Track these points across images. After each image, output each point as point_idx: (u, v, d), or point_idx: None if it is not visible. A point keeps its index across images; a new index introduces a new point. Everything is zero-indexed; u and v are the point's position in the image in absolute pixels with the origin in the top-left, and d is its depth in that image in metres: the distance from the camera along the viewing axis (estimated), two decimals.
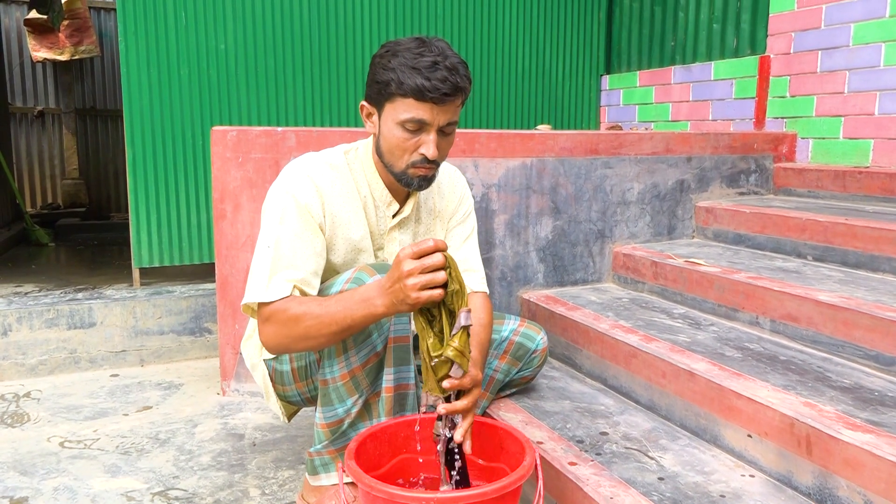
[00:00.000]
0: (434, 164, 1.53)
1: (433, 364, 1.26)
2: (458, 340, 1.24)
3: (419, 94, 1.43)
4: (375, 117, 1.55)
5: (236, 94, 3.26)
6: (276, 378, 1.69)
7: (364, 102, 1.58)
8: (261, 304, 1.48)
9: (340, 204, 1.61)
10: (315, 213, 1.55)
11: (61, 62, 5.91)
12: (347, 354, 1.50)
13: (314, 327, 1.40)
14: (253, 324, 1.71)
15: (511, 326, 1.95)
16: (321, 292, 1.55)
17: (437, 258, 1.22)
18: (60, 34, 5.77)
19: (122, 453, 2.08)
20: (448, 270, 1.22)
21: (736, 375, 1.70)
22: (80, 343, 2.83)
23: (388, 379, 1.54)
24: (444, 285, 1.22)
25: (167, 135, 3.12)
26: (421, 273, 1.22)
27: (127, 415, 2.38)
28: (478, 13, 3.91)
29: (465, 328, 1.23)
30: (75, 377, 2.77)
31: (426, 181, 1.56)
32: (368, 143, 1.67)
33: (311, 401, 1.73)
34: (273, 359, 1.67)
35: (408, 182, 1.56)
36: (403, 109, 1.46)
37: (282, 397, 1.73)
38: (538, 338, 1.96)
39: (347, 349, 1.49)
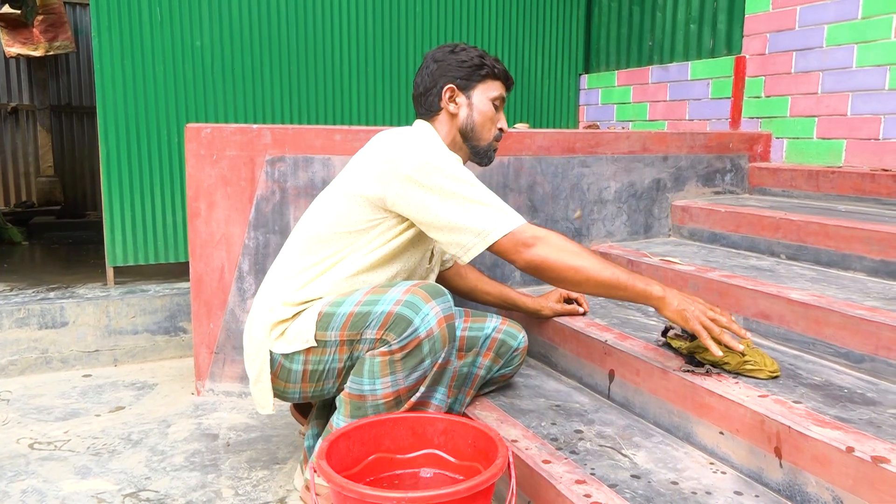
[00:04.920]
0: None
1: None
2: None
3: (505, 77, 1.82)
4: (462, 98, 1.78)
5: (212, 92, 3.23)
6: (280, 373, 1.67)
7: (451, 85, 1.76)
8: (511, 233, 1.58)
9: None
10: None
11: (35, 58, 5.83)
12: (395, 376, 1.56)
13: (594, 267, 1.59)
14: (264, 304, 1.70)
15: (494, 324, 2.00)
16: (365, 305, 1.59)
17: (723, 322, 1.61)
18: (34, 29, 5.68)
19: (93, 454, 2.05)
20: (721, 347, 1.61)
21: (708, 373, 1.71)
22: (51, 343, 2.79)
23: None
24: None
25: (142, 132, 3.09)
26: (710, 318, 1.59)
27: (99, 415, 2.35)
28: (456, 12, 3.91)
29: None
30: (47, 377, 2.73)
31: (508, 159, 1.97)
32: (421, 127, 1.80)
33: (307, 400, 1.75)
34: (283, 355, 1.65)
35: (489, 156, 1.85)
36: (494, 88, 1.80)
37: (277, 391, 1.72)
38: (520, 336, 2.02)
39: (395, 371, 1.56)
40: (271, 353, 1.67)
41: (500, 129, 1.84)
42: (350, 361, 1.63)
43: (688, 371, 1.70)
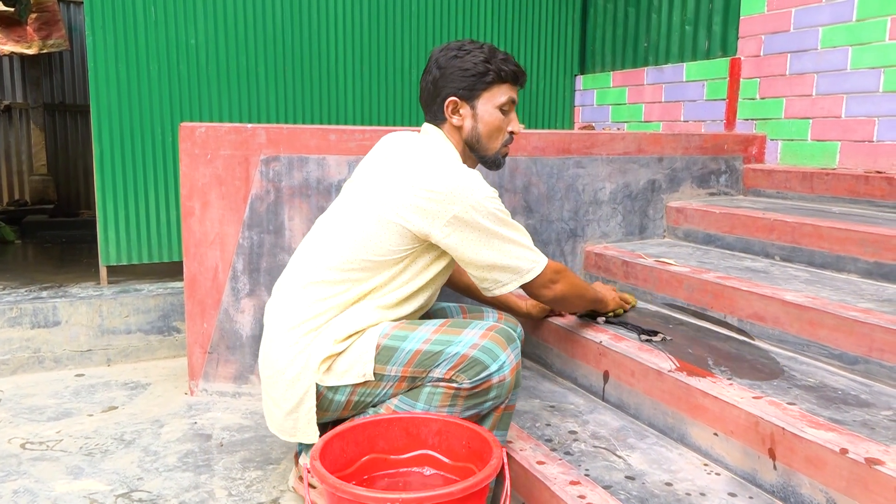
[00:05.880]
0: None
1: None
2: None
3: (514, 79, 1.73)
4: (466, 109, 1.72)
5: (206, 91, 3.22)
6: (321, 403, 1.62)
7: (453, 98, 1.70)
8: (542, 273, 1.68)
9: None
10: None
11: (29, 56, 5.80)
12: (453, 409, 1.58)
13: (582, 292, 1.89)
14: (296, 330, 1.61)
15: (491, 321, 1.99)
16: (436, 344, 1.57)
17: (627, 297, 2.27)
18: (28, 27, 5.65)
19: (85, 454, 2.04)
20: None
21: (703, 374, 1.71)
22: (44, 342, 2.77)
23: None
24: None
25: (136, 131, 3.07)
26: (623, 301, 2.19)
27: (92, 415, 2.34)
28: (452, 12, 3.90)
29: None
30: (39, 377, 2.71)
31: (506, 158, 1.87)
32: (438, 140, 1.74)
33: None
34: (328, 387, 1.60)
35: (498, 162, 1.81)
36: (501, 93, 1.72)
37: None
38: (518, 329, 2.03)
39: (455, 405, 1.58)
40: (317, 386, 1.60)
41: (511, 133, 1.79)
42: (403, 392, 1.61)
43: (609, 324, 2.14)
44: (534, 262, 1.66)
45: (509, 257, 1.63)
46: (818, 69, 3.00)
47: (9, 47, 5.65)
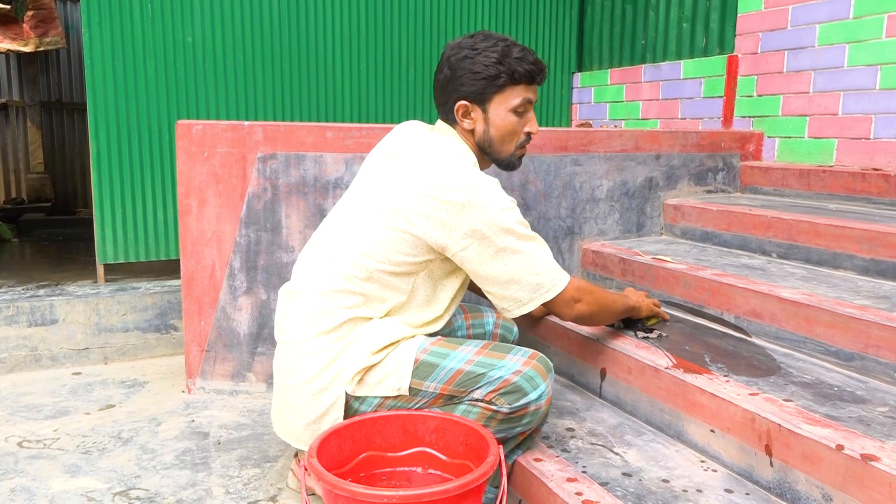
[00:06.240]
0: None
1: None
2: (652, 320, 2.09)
3: (530, 78, 1.63)
4: (477, 112, 1.64)
5: (203, 88, 3.21)
6: (346, 413, 1.59)
7: (463, 102, 1.63)
8: (563, 291, 1.62)
9: None
10: None
11: (26, 54, 5.77)
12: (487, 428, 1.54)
13: (609, 307, 1.81)
14: (337, 342, 1.57)
15: (491, 319, 2.05)
16: (479, 366, 1.55)
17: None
18: (25, 25, 5.63)
19: (82, 453, 2.04)
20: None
21: (700, 371, 1.72)
22: (41, 340, 2.77)
23: None
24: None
25: (133, 129, 3.07)
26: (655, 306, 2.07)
27: (89, 413, 2.34)
28: (449, 10, 3.90)
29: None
30: (36, 375, 2.71)
31: (522, 159, 1.77)
32: (453, 142, 1.65)
33: None
34: (355, 397, 1.57)
35: (513, 164, 1.74)
36: (515, 95, 1.63)
37: None
38: (514, 329, 2.07)
39: (489, 425, 1.56)
40: (347, 395, 1.57)
41: (528, 134, 1.70)
42: (436, 407, 1.59)
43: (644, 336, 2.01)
44: (554, 280, 1.59)
45: (528, 274, 1.56)
46: (815, 66, 3.00)
47: (5, 45, 5.63)
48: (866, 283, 2.06)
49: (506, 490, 1.41)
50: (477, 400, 1.54)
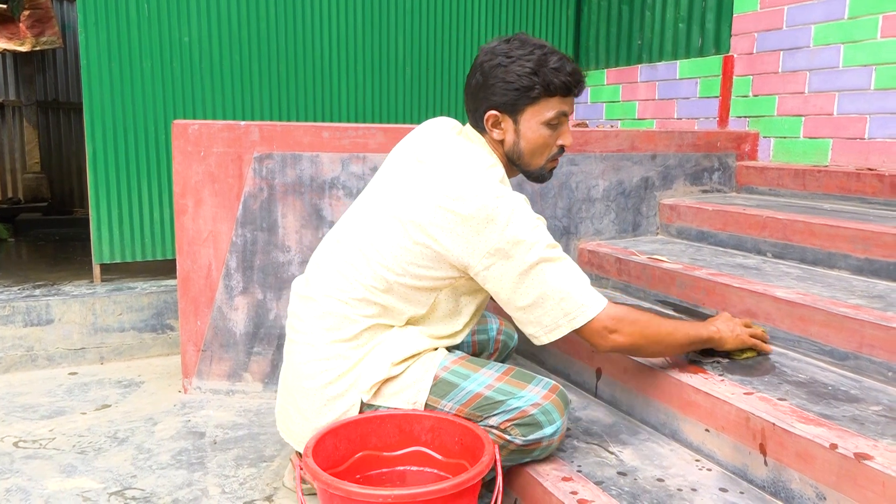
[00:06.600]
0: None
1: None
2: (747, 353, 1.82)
3: (566, 91, 1.55)
4: (508, 123, 1.57)
5: (200, 88, 3.21)
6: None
7: (494, 112, 1.56)
8: (596, 317, 1.50)
9: None
10: None
11: (22, 53, 5.77)
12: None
13: (663, 339, 1.61)
14: (356, 349, 1.55)
15: (495, 325, 2.03)
16: (499, 392, 1.53)
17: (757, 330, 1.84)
18: (21, 24, 5.63)
19: (78, 453, 2.04)
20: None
21: (695, 371, 1.72)
22: (37, 340, 2.77)
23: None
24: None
25: (129, 128, 3.07)
26: (750, 333, 1.79)
27: (85, 413, 2.33)
28: (446, 9, 3.90)
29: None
30: (32, 375, 2.71)
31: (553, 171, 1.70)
32: (480, 151, 1.58)
33: None
34: (368, 404, 1.55)
35: (543, 177, 1.67)
36: (549, 108, 1.55)
37: None
38: (515, 336, 2.07)
39: (500, 454, 1.51)
40: (363, 402, 1.55)
41: (561, 147, 1.62)
42: None
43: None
44: (583, 307, 1.48)
45: (554, 298, 1.47)
46: (811, 67, 3.01)
47: (1, 44, 5.62)
48: (861, 283, 2.07)
49: (501, 489, 1.41)
50: (492, 426, 1.52)
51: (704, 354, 1.79)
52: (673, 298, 2.29)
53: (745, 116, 3.33)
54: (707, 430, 1.62)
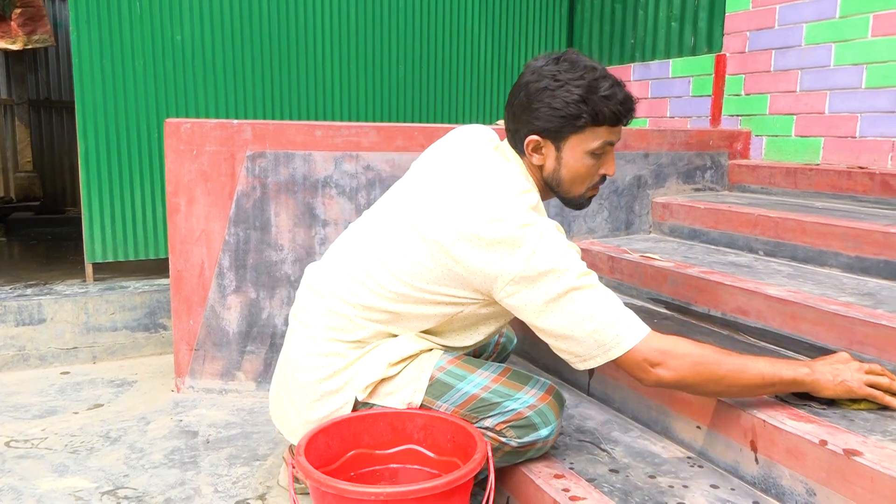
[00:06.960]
0: None
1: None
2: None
3: (615, 121, 1.47)
4: (549, 149, 1.51)
5: (192, 87, 3.20)
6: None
7: (535, 137, 1.49)
8: (636, 348, 1.39)
9: None
10: None
11: (13, 52, 5.73)
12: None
13: (721, 377, 1.40)
14: (354, 349, 1.53)
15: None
16: (495, 394, 1.52)
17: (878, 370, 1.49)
18: (12, 22, 5.59)
19: (70, 452, 2.04)
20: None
21: None
22: (29, 340, 2.76)
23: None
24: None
25: (121, 127, 3.06)
26: (867, 374, 1.47)
27: (77, 413, 2.33)
28: (439, 8, 3.90)
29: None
30: (24, 375, 2.70)
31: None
32: (513, 173, 1.49)
33: None
34: (363, 402, 1.54)
35: (582, 205, 1.61)
36: (595, 138, 1.47)
37: None
38: (514, 339, 2.08)
39: (494, 455, 1.50)
40: (357, 401, 1.54)
41: (603, 176, 1.56)
42: None
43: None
44: (618, 338, 1.38)
45: (586, 329, 1.38)
46: (802, 66, 3.02)
47: None
48: (851, 280, 2.08)
49: (493, 487, 1.42)
50: (487, 428, 1.52)
51: (799, 396, 1.51)
52: (665, 296, 2.30)
53: (738, 115, 3.34)
54: (698, 427, 1.63)
